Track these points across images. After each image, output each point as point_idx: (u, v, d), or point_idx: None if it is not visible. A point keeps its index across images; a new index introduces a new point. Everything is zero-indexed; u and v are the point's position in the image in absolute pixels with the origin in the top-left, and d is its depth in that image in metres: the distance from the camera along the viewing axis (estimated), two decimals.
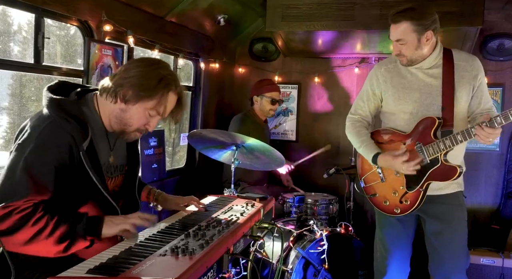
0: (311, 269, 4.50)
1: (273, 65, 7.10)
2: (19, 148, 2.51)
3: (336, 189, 6.41)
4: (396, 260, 4.05)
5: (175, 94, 2.79)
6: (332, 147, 6.71)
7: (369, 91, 4.03)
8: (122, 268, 1.96)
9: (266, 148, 3.96)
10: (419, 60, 3.75)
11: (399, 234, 4.04)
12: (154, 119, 2.80)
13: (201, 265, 2.11)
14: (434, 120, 3.66)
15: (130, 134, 2.83)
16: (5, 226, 2.36)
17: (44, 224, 2.41)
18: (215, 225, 2.68)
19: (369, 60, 6.63)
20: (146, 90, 2.68)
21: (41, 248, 2.45)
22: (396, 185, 3.90)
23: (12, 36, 4.13)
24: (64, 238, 2.45)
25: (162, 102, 2.73)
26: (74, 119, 2.60)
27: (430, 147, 3.65)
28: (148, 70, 2.73)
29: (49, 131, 2.52)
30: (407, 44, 3.66)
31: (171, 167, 6.40)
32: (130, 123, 2.76)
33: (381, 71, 3.96)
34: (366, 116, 4.08)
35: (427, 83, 3.78)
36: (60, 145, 2.53)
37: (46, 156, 2.49)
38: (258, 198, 3.55)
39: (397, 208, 3.89)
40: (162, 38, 5.25)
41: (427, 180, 3.72)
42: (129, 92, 2.68)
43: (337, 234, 4.79)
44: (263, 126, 6.24)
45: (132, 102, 2.69)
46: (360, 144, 3.97)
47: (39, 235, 2.40)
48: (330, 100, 6.92)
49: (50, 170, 2.49)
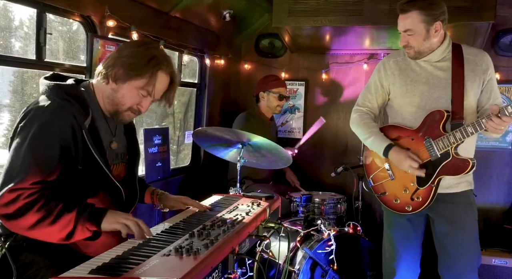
0: (319, 270, 4.50)
1: (280, 61, 7.09)
2: (21, 131, 2.57)
3: (344, 188, 6.39)
4: (405, 261, 4.04)
5: (166, 74, 2.86)
6: (340, 145, 6.72)
7: (377, 83, 4.02)
8: (125, 268, 1.96)
9: (273, 146, 3.95)
10: (427, 52, 3.74)
11: (408, 235, 4.02)
12: (146, 99, 2.86)
13: (205, 265, 2.10)
14: (443, 113, 3.66)
15: (123, 114, 2.88)
16: (11, 209, 2.43)
17: (48, 211, 2.46)
18: (220, 225, 2.68)
19: (378, 56, 6.62)
20: (136, 69, 2.76)
21: (44, 233, 2.51)
22: (406, 182, 3.88)
23: (14, 32, 4.13)
24: (66, 226, 2.50)
25: (151, 81, 2.79)
26: (74, 99, 2.68)
27: (440, 141, 3.65)
28: (138, 50, 2.82)
29: (51, 112, 2.59)
30: (415, 35, 3.66)
31: (176, 165, 6.41)
32: (122, 102, 2.82)
33: (389, 63, 3.96)
34: (373, 108, 4.07)
35: (435, 76, 3.77)
36: (63, 125, 2.59)
37: (50, 136, 2.55)
38: (264, 197, 3.54)
39: (408, 206, 3.87)
40: (166, 34, 5.25)
41: (439, 175, 3.71)
42: (119, 71, 2.77)
43: (345, 234, 4.78)
44: (269, 124, 6.23)
45: (122, 80, 2.78)
46: (369, 135, 3.94)
47: (42, 222, 2.45)
48: (338, 97, 6.91)
49: (55, 150, 2.55)
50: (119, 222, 2.56)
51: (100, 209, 2.61)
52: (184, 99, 6.75)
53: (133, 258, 2.11)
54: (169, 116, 6.76)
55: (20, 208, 2.43)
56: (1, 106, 4.36)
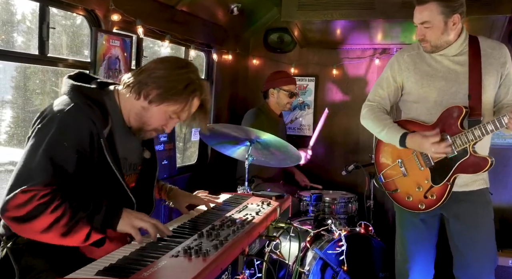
0: (329, 271, 4.49)
1: (289, 57, 7.07)
2: (39, 132, 2.56)
3: (355, 186, 6.38)
4: (418, 263, 4.01)
5: (199, 100, 2.85)
6: (352, 143, 6.70)
7: (389, 78, 3.97)
8: (132, 270, 1.95)
9: (282, 143, 3.95)
10: (444, 46, 3.70)
11: (422, 235, 3.99)
12: (173, 121, 2.87)
13: (215, 266, 2.10)
14: (461, 109, 3.61)
15: (147, 133, 2.89)
16: (23, 212, 2.39)
17: (62, 212, 2.43)
18: (230, 225, 2.68)
19: (390, 51, 6.59)
20: (173, 94, 2.74)
21: (58, 236, 2.47)
22: (420, 179, 3.85)
23: (16, 26, 4.13)
24: (82, 229, 2.47)
25: (186, 107, 2.80)
26: (96, 106, 2.67)
27: (457, 137, 3.60)
28: (177, 73, 2.79)
29: (71, 115, 2.58)
30: (433, 28, 3.61)
31: (182, 163, 6.40)
32: (149, 123, 2.82)
33: (403, 58, 3.91)
34: (385, 104, 4.02)
35: (452, 71, 3.73)
36: (82, 130, 2.58)
37: (68, 140, 2.54)
38: (274, 196, 3.54)
39: (421, 204, 3.84)
40: (172, 28, 5.24)
41: (455, 172, 3.67)
42: (154, 92, 2.74)
43: (357, 234, 4.77)
44: (278, 121, 6.21)
45: (156, 103, 2.75)
46: (383, 127, 3.88)
47: (56, 223, 2.42)
48: (349, 93, 6.89)
49: (72, 154, 2.54)
50: (134, 226, 2.53)
51: (114, 211, 2.58)
52: None
53: (141, 259, 2.11)
54: None
55: (33, 209, 2.39)
56: (3, 103, 4.36)
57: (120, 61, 4.44)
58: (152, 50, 6.09)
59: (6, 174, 4.20)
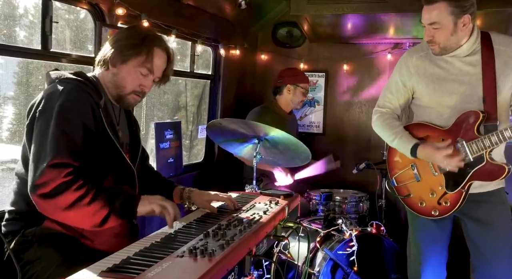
0: (340, 272, 4.49)
1: (298, 52, 7.07)
2: (42, 114, 2.70)
3: (367, 185, 6.38)
4: (431, 265, 4.00)
5: (162, 50, 3.06)
6: (363, 141, 6.69)
7: (398, 82, 3.92)
8: (136, 270, 1.95)
9: (292, 141, 3.93)
10: (454, 48, 3.63)
11: (435, 237, 3.98)
12: (147, 78, 3.03)
13: (221, 267, 2.10)
14: (478, 114, 3.55)
15: (128, 98, 3.06)
16: (49, 188, 2.54)
17: (85, 191, 2.59)
18: (236, 224, 2.68)
19: (403, 45, 6.57)
20: (131, 48, 2.96)
21: (80, 216, 2.64)
22: (434, 185, 3.83)
23: (18, 20, 4.13)
24: (102, 210, 2.63)
25: (149, 57, 2.99)
26: (89, 81, 2.89)
27: (473, 144, 3.55)
28: (131, 32, 3.10)
29: (70, 92, 2.76)
30: (442, 29, 3.55)
31: (189, 161, 6.41)
32: (123, 84, 3.01)
33: (412, 61, 3.85)
34: (395, 109, 3.98)
35: (465, 72, 3.66)
36: (83, 103, 2.77)
37: (73, 115, 2.70)
38: (282, 195, 3.53)
39: (435, 210, 3.82)
40: (178, 23, 5.24)
41: (470, 179, 3.63)
42: (116, 54, 2.96)
43: (368, 234, 4.77)
44: (285, 118, 6.17)
45: (120, 63, 2.97)
46: (394, 136, 3.86)
47: (80, 201, 2.58)
48: (360, 90, 6.88)
49: (79, 128, 2.70)
50: (152, 203, 2.73)
51: (132, 196, 2.77)
52: (198, 92, 6.75)
53: (145, 259, 2.11)
54: (182, 109, 6.76)
55: (58, 186, 2.54)
56: (5, 99, 4.36)
57: None
58: None
59: (8, 172, 4.21)
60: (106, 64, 3.00)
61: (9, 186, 2.82)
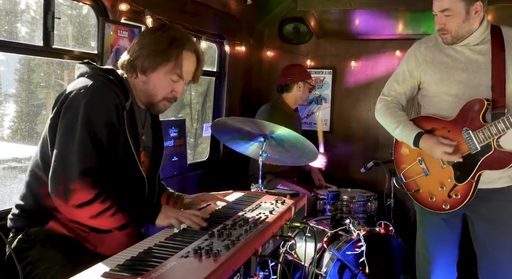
0: (348, 273, 4.48)
1: (305, 48, 7.06)
2: (67, 111, 2.72)
3: (375, 184, 6.36)
4: (441, 264, 3.99)
5: (191, 52, 2.99)
6: (371, 139, 6.68)
7: (405, 71, 3.94)
8: (140, 271, 1.96)
9: (298, 139, 3.93)
10: (465, 36, 3.65)
11: (444, 236, 3.97)
12: (178, 84, 2.99)
13: (226, 268, 2.10)
14: (482, 102, 3.57)
15: (159, 104, 3.04)
16: (79, 198, 2.59)
17: (111, 204, 2.65)
18: (242, 224, 2.67)
19: (412, 42, 6.54)
20: (160, 54, 2.90)
21: (101, 224, 2.73)
22: (443, 178, 3.82)
23: (19, 16, 4.13)
24: (123, 220, 2.71)
25: (178, 63, 2.93)
26: (118, 81, 2.88)
27: (480, 132, 3.56)
28: (157, 35, 2.97)
29: (97, 90, 2.75)
30: (454, 16, 3.56)
31: (193, 160, 6.41)
32: (155, 93, 2.97)
33: (420, 50, 3.88)
34: (401, 99, 4.00)
35: (474, 61, 3.68)
36: (109, 102, 2.76)
37: (99, 115, 2.71)
38: (289, 194, 3.53)
39: (446, 204, 3.81)
40: (183, 19, 5.24)
41: (480, 169, 3.63)
42: (145, 62, 2.90)
43: (376, 234, 4.76)
44: (292, 116, 6.20)
45: (150, 70, 2.92)
46: (397, 124, 3.86)
47: (104, 213, 2.65)
48: (368, 87, 6.86)
49: (104, 130, 2.72)
50: (170, 218, 2.72)
51: (153, 207, 2.80)
52: (202, 89, 6.74)
53: (149, 259, 2.11)
54: (186, 107, 6.75)
55: (90, 197, 2.60)
56: (6, 96, 4.37)
57: None
58: None
59: (9, 171, 4.22)
60: (134, 72, 2.95)
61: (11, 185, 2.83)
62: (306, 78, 6.11)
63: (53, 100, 2.82)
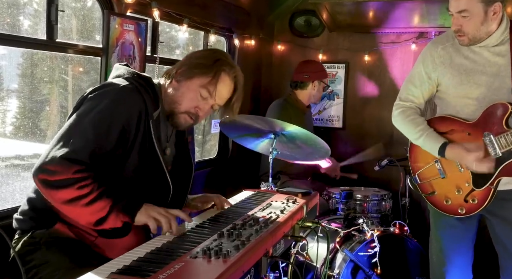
0: (361, 274, 4.48)
1: (317, 42, 7.05)
2: (90, 100, 2.81)
3: (389, 183, 6.34)
4: (456, 266, 3.97)
5: (229, 77, 3.06)
6: (385, 136, 6.66)
7: (422, 74, 3.89)
8: (148, 272, 1.96)
9: (309, 136, 3.93)
10: (483, 38, 3.60)
11: (459, 237, 3.95)
12: (205, 102, 3.02)
13: (236, 269, 2.10)
14: (507, 106, 3.52)
15: (179, 116, 3.04)
16: (54, 178, 2.60)
17: (88, 191, 2.62)
18: (252, 224, 2.68)
19: (428, 35, 6.54)
20: (200, 67, 2.98)
21: (75, 212, 2.70)
22: (460, 182, 3.79)
23: (22, 9, 4.15)
24: (100, 211, 2.65)
25: (214, 80, 2.99)
26: (150, 89, 2.93)
27: (502, 138, 3.50)
28: (206, 53, 3.19)
29: (126, 91, 2.83)
30: (471, 17, 3.51)
31: (201, 157, 6.43)
32: (180, 101, 3.00)
33: (437, 51, 3.82)
34: (419, 103, 3.95)
35: (494, 63, 3.64)
36: (133, 107, 2.82)
37: (117, 115, 2.77)
38: (300, 193, 3.53)
39: (461, 208, 3.78)
40: (191, 11, 5.24)
41: (499, 176, 3.59)
42: (184, 69, 2.99)
43: (391, 234, 4.76)
44: (304, 112, 6.19)
45: (184, 78, 2.99)
46: (420, 133, 3.81)
47: (79, 200, 2.61)
48: (382, 82, 6.85)
49: (116, 129, 2.74)
50: (151, 216, 2.69)
51: (136, 202, 2.75)
52: None
53: (157, 260, 2.12)
54: None
55: (64, 180, 2.59)
56: (9, 92, 4.38)
57: (135, 47, 4.45)
58: (169, 35, 6.09)
59: (12, 169, 4.23)
60: (171, 77, 3.03)
61: (13, 183, 2.83)
62: (323, 77, 6.12)
63: (56, 96, 2.85)
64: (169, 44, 5.97)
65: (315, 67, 6.18)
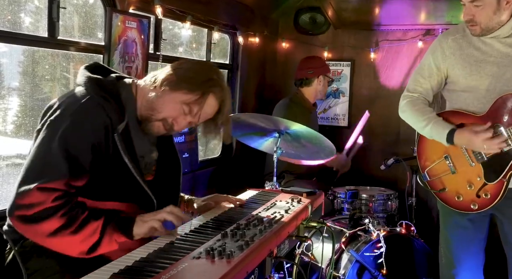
0: (367, 275, 4.48)
1: (322, 39, 7.05)
2: (52, 124, 2.64)
3: (396, 182, 6.35)
4: (466, 268, 3.94)
5: (216, 99, 2.93)
6: (391, 134, 6.66)
7: (431, 65, 3.88)
8: (150, 273, 1.96)
9: (314, 135, 3.93)
10: (495, 28, 3.58)
11: (470, 238, 3.92)
12: (184, 117, 2.90)
13: (240, 270, 2.10)
14: None
15: (153, 124, 2.90)
16: (32, 211, 2.47)
17: (72, 218, 2.52)
18: (256, 224, 2.67)
19: (435, 32, 6.52)
20: (189, 82, 2.86)
21: (65, 243, 2.55)
22: (471, 177, 3.76)
23: (23, 6, 4.15)
24: (91, 236, 2.55)
25: (199, 101, 2.87)
26: (112, 98, 2.78)
27: None
28: (200, 68, 2.99)
29: (87, 108, 2.68)
30: (484, 7, 3.49)
31: (205, 157, 6.42)
32: (159, 109, 2.86)
33: (447, 42, 3.81)
34: (427, 95, 3.93)
35: (505, 54, 3.62)
36: (97, 124, 2.68)
37: (83, 134, 2.64)
38: (305, 192, 3.53)
39: (474, 204, 3.75)
40: (194, 8, 5.24)
41: (511, 168, 3.58)
42: (172, 78, 2.86)
43: (397, 234, 4.75)
44: (310, 111, 6.19)
45: (169, 88, 2.85)
46: (427, 122, 3.78)
47: (64, 229, 2.50)
48: (388, 80, 6.85)
49: (87, 149, 2.64)
50: (147, 221, 2.63)
51: (127, 218, 2.68)
52: None
53: (160, 261, 2.11)
54: None
55: (43, 210, 2.47)
56: (10, 90, 4.38)
57: (137, 45, 4.45)
58: (172, 32, 6.09)
59: (13, 168, 4.23)
60: (154, 82, 2.89)
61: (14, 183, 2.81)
62: (327, 71, 6.13)
63: (58, 94, 2.82)
64: (172, 41, 5.96)
65: (318, 62, 6.18)
